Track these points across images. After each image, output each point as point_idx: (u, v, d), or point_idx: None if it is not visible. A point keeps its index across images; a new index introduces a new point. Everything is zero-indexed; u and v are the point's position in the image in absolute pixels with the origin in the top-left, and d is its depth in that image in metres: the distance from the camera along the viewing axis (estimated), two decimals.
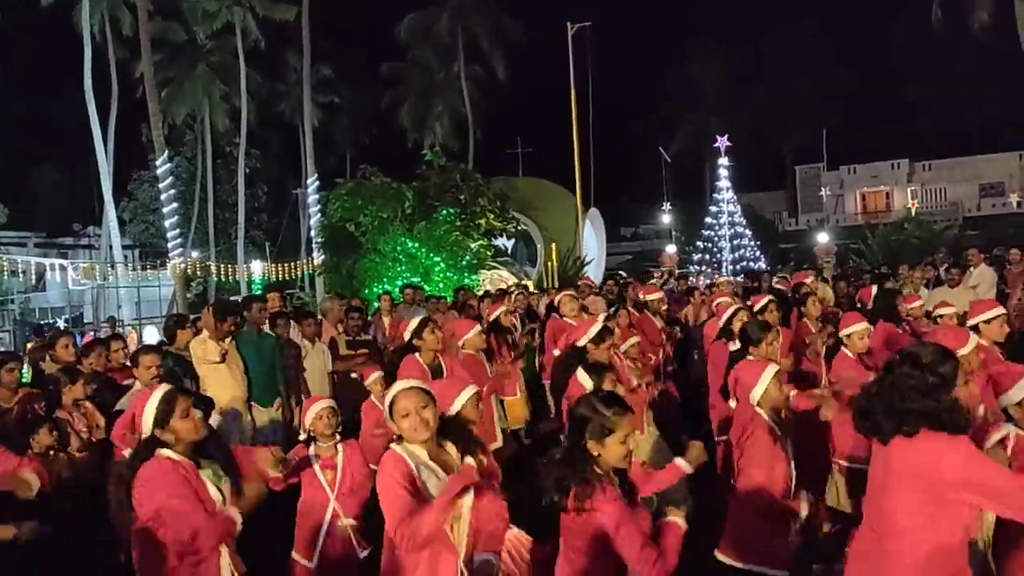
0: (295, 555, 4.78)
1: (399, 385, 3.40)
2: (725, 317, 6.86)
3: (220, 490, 3.52)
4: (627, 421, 3.20)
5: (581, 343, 5.97)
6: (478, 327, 7.16)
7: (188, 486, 3.39)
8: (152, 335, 19.01)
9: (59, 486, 5.22)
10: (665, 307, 9.61)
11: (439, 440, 3.39)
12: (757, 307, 6.97)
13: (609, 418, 3.18)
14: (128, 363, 7.60)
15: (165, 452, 3.48)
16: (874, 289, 8.79)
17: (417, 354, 6.32)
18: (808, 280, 9.83)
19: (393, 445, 3.34)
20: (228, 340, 7.30)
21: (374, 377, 6.67)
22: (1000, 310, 5.70)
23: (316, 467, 4.90)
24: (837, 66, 54.69)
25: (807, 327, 7.50)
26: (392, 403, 3.35)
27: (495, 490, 3.41)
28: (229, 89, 36.72)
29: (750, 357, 5.27)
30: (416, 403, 3.29)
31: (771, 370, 4.39)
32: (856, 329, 5.96)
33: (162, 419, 3.50)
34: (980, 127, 53.46)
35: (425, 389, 3.37)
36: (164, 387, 3.67)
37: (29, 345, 14.90)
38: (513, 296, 10.17)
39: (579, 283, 13.12)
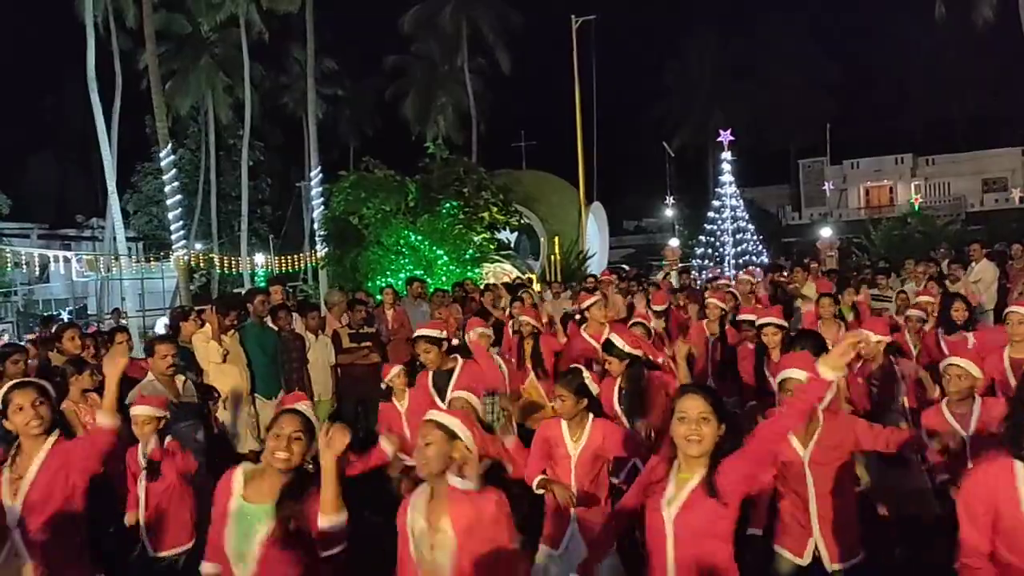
0: None
1: (427, 414, 3.26)
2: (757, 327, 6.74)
3: None
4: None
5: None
6: (480, 329, 6.79)
7: None
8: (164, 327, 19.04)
9: None
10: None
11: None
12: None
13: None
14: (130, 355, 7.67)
15: None
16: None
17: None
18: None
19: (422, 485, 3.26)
20: (231, 333, 7.36)
21: (396, 371, 6.27)
22: None
23: None
24: (841, 60, 54.66)
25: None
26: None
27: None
28: (233, 81, 36.70)
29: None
30: (423, 438, 3.15)
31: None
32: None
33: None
34: (983, 122, 53.32)
35: (442, 423, 3.17)
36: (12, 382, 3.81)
37: (29, 336, 14.96)
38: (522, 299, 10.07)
39: (601, 278, 13.10)
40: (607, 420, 4.68)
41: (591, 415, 4.48)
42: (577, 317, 8.43)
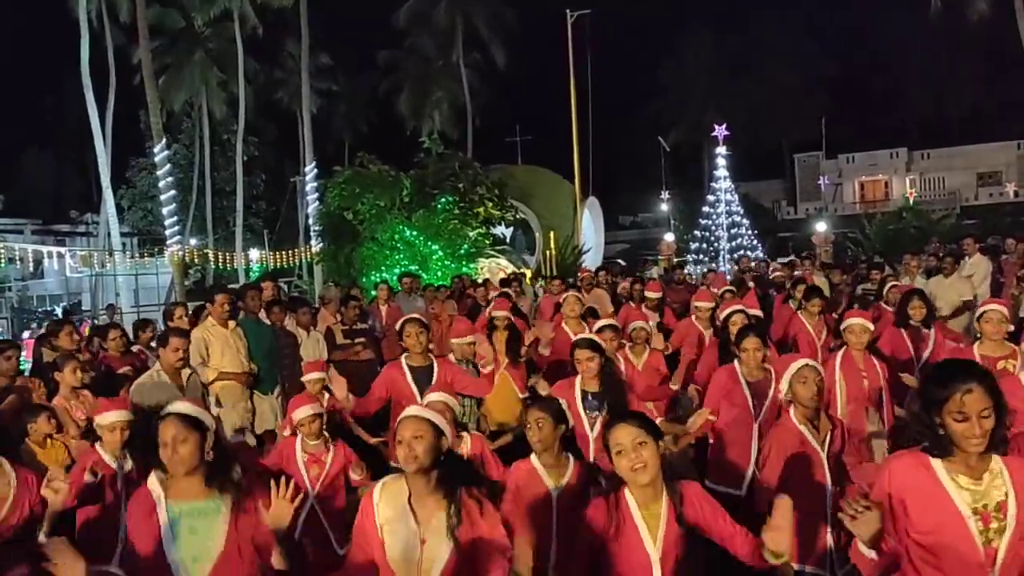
0: None
1: (408, 410, 3.12)
2: (723, 318, 6.68)
3: None
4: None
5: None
6: (470, 338, 6.48)
7: None
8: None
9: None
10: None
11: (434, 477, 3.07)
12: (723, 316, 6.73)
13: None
14: (121, 351, 7.69)
15: None
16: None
17: (404, 355, 6.03)
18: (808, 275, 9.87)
19: (389, 478, 3.14)
20: (233, 325, 7.36)
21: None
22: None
23: (301, 462, 4.80)
24: (836, 56, 54.68)
25: (801, 321, 7.51)
26: (396, 426, 3.13)
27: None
28: (227, 76, 36.57)
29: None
30: (410, 432, 3.01)
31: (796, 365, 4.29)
32: (853, 323, 5.84)
33: None
34: (978, 116, 53.44)
35: (429, 420, 3.06)
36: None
37: (27, 332, 14.95)
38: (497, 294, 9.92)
39: (579, 276, 13.03)
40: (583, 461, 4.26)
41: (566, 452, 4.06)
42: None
